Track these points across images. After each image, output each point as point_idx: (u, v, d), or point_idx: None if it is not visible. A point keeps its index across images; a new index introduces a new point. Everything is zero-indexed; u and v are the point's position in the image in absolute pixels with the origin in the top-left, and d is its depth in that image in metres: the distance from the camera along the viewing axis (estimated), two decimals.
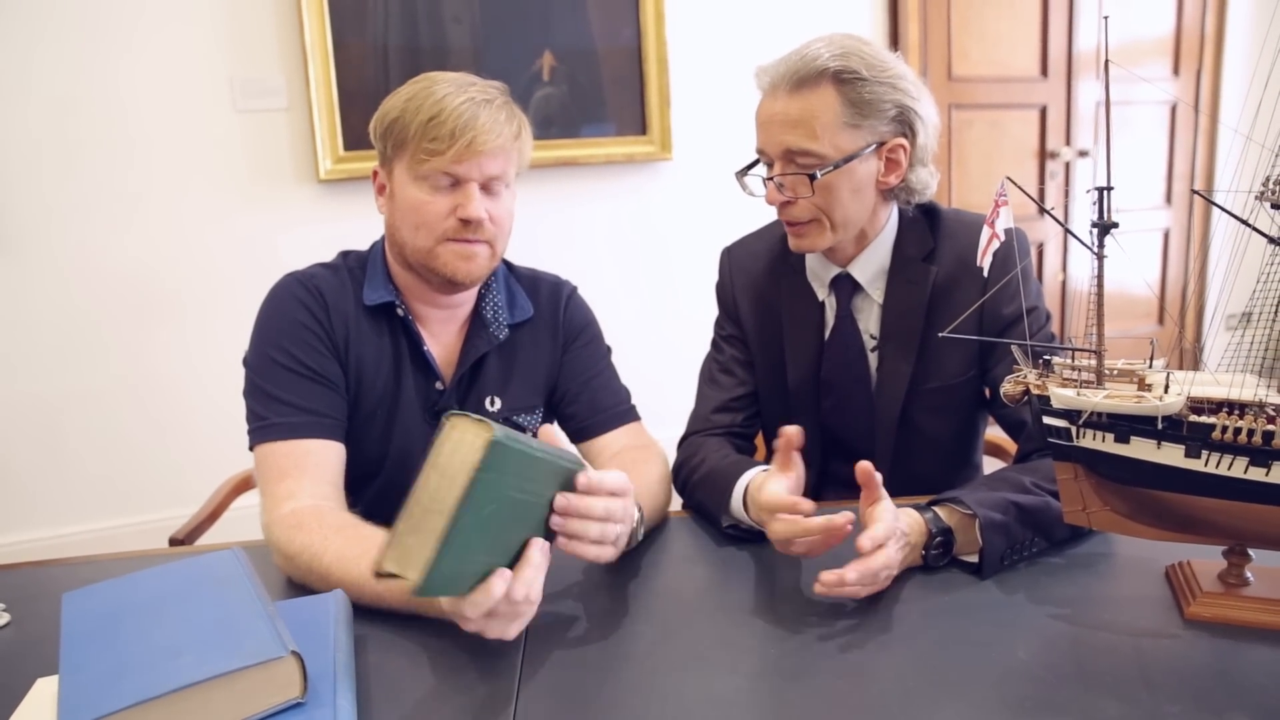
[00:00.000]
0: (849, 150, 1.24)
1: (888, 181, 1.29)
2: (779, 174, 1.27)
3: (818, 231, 1.30)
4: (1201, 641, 0.91)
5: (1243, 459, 0.86)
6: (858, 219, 1.31)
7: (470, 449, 0.81)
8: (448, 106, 1.19)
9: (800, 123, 1.23)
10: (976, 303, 1.25)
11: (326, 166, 2.81)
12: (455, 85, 1.22)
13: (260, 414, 1.23)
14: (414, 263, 1.28)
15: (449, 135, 1.18)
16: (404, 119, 1.21)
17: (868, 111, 1.24)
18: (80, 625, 0.88)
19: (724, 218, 2.07)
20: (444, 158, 1.19)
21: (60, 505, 2.81)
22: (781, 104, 1.25)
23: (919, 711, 0.81)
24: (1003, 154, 3.68)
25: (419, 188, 1.23)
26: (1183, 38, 3.86)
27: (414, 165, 1.21)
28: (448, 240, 1.24)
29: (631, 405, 1.43)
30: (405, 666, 0.93)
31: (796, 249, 1.34)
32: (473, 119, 1.19)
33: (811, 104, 1.23)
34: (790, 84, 1.24)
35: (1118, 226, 0.90)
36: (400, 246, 1.28)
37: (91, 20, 2.61)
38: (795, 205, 1.28)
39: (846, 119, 1.23)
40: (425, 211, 1.23)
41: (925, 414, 1.36)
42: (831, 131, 1.23)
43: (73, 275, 2.71)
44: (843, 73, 1.22)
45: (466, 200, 1.22)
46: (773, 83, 1.26)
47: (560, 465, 0.92)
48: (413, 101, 1.21)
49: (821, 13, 3.24)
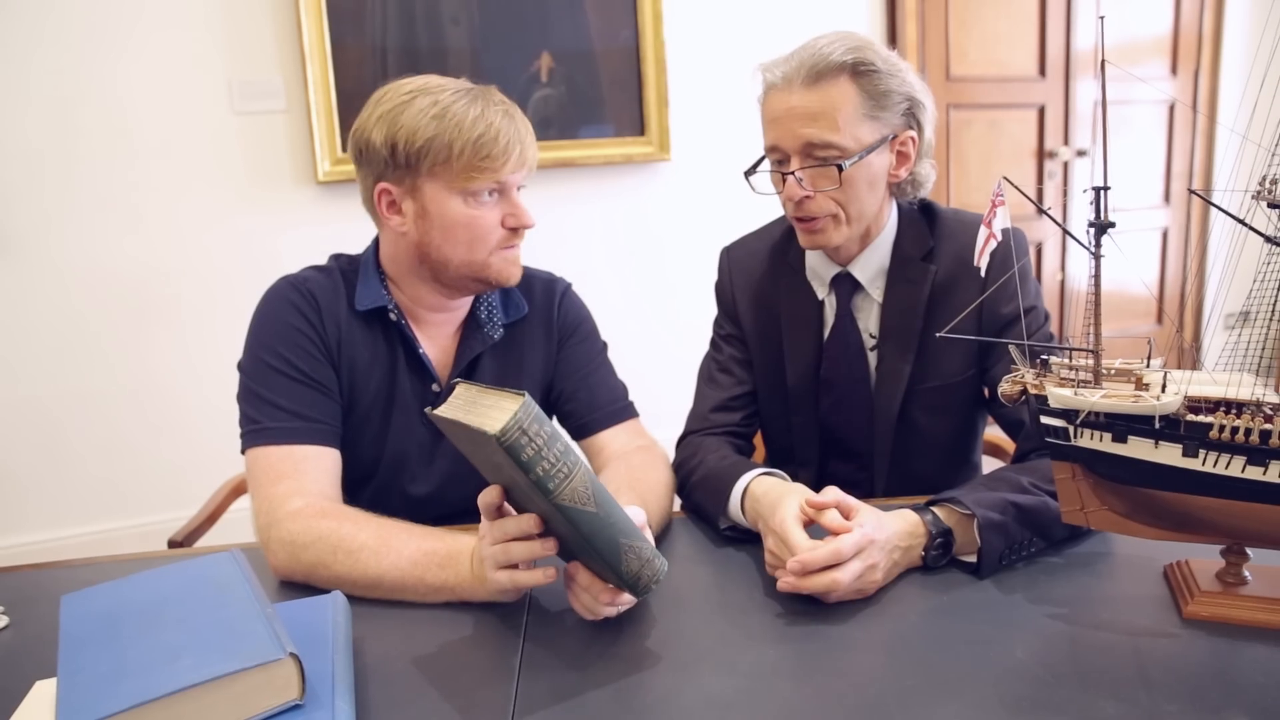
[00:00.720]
0: (868, 142, 1.25)
1: (898, 175, 1.30)
2: (800, 168, 1.25)
3: (833, 227, 1.29)
4: (1199, 640, 0.91)
5: (1240, 458, 0.86)
6: (870, 213, 1.31)
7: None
8: (494, 121, 1.19)
9: (821, 115, 1.22)
10: (975, 302, 1.25)
11: (325, 168, 2.82)
12: (478, 96, 1.21)
13: (253, 417, 1.22)
14: (460, 275, 1.27)
15: (503, 151, 1.19)
16: (442, 137, 1.18)
17: (884, 103, 1.24)
18: (79, 627, 0.88)
19: (722, 218, 2.07)
20: (499, 172, 1.21)
21: (59, 508, 2.81)
22: (799, 98, 1.23)
23: (917, 711, 0.82)
24: (1001, 154, 3.68)
25: (468, 204, 1.22)
26: (1180, 37, 3.87)
27: (461, 182, 1.20)
28: (500, 249, 1.26)
29: (629, 402, 1.43)
30: (404, 668, 0.93)
31: (810, 246, 1.34)
32: (517, 131, 1.21)
33: (831, 96, 1.22)
34: (807, 77, 1.22)
35: (1114, 226, 0.90)
36: (441, 264, 1.26)
37: (90, 23, 2.61)
38: (814, 200, 1.27)
39: (865, 111, 1.24)
40: (479, 226, 1.23)
41: (924, 413, 1.36)
42: (853, 123, 1.23)
43: (72, 278, 2.72)
44: (860, 65, 1.22)
45: (516, 209, 1.25)
46: (785, 77, 1.24)
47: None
48: (449, 119, 1.18)
49: (819, 12, 3.24)
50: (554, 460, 0.85)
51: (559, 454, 0.85)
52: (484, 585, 1.00)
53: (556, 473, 0.85)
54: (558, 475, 0.85)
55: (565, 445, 0.86)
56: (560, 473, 0.85)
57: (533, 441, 0.83)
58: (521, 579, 0.96)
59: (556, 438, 0.86)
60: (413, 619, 1.03)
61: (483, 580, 1.00)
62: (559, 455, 0.85)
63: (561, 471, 0.85)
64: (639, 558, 0.92)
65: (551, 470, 0.85)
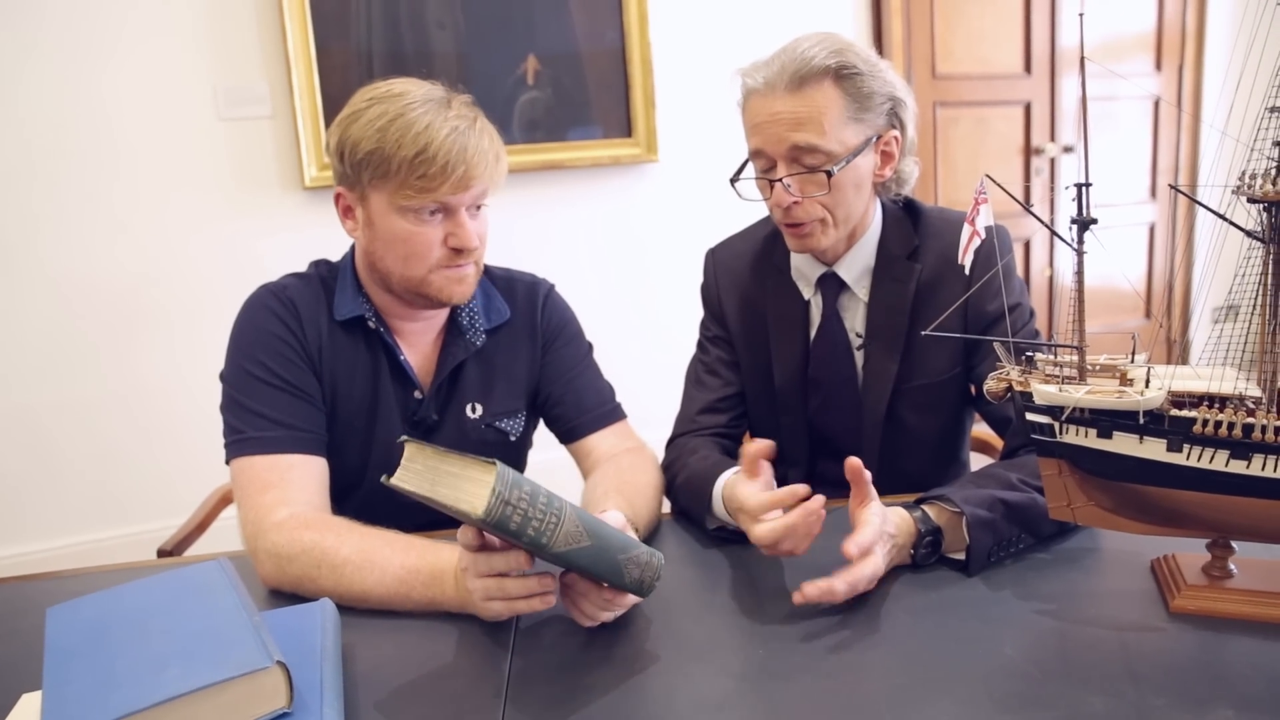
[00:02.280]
0: (854, 145, 1.25)
1: (883, 174, 1.31)
2: (788, 174, 1.25)
3: (821, 231, 1.29)
4: (1186, 634, 0.91)
5: (1224, 452, 0.87)
6: (857, 214, 1.32)
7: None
8: (434, 140, 1.13)
9: (808, 120, 1.22)
10: (960, 300, 1.26)
11: (311, 173, 2.81)
12: (433, 110, 1.16)
13: (237, 427, 1.22)
14: (401, 289, 1.25)
15: (440, 172, 1.14)
16: (383, 151, 1.14)
17: (867, 105, 1.24)
18: (65, 639, 0.88)
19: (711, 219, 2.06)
20: (437, 193, 1.16)
21: (49, 517, 2.80)
22: (783, 103, 1.22)
23: (907, 709, 0.82)
24: (988, 151, 3.69)
25: (406, 219, 1.18)
26: (1164, 33, 3.88)
27: (399, 199, 1.16)
28: (441, 268, 1.22)
29: (617, 404, 1.42)
30: (392, 675, 0.93)
31: (799, 250, 1.34)
32: (462, 151, 1.14)
33: (816, 100, 1.22)
34: (790, 82, 1.22)
35: (1096, 222, 0.91)
36: (385, 274, 1.25)
37: (75, 31, 2.60)
38: (801, 206, 1.26)
39: (849, 113, 1.23)
40: (415, 243, 1.19)
41: (911, 411, 1.37)
42: (838, 127, 1.23)
43: (59, 285, 2.70)
44: (842, 68, 1.22)
45: (459, 229, 1.20)
46: (768, 82, 1.23)
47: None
48: (391, 132, 1.14)
49: (805, 12, 3.24)
50: (541, 516, 0.84)
51: (543, 508, 0.84)
52: (471, 604, 0.99)
53: (546, 527, 0.84)
54: (548, 529, 0.84)
55: (546, 495, 0.85)
56: (550, 525, 0.84)
57: (517, 509, 0.82)
58: (519, 608, 0.96)
59: (537, 493, 0.84)
60: (402, 627, 1.03)
61: (467, 598, 0.99)
62: (544, 509, 0.84)
63: (550, 523, 0.84)
64: (638, 564, 0.93)
65: (542, 527, 0.84)
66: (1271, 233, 0.87)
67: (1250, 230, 0.88)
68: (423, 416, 1.32)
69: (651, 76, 3.08)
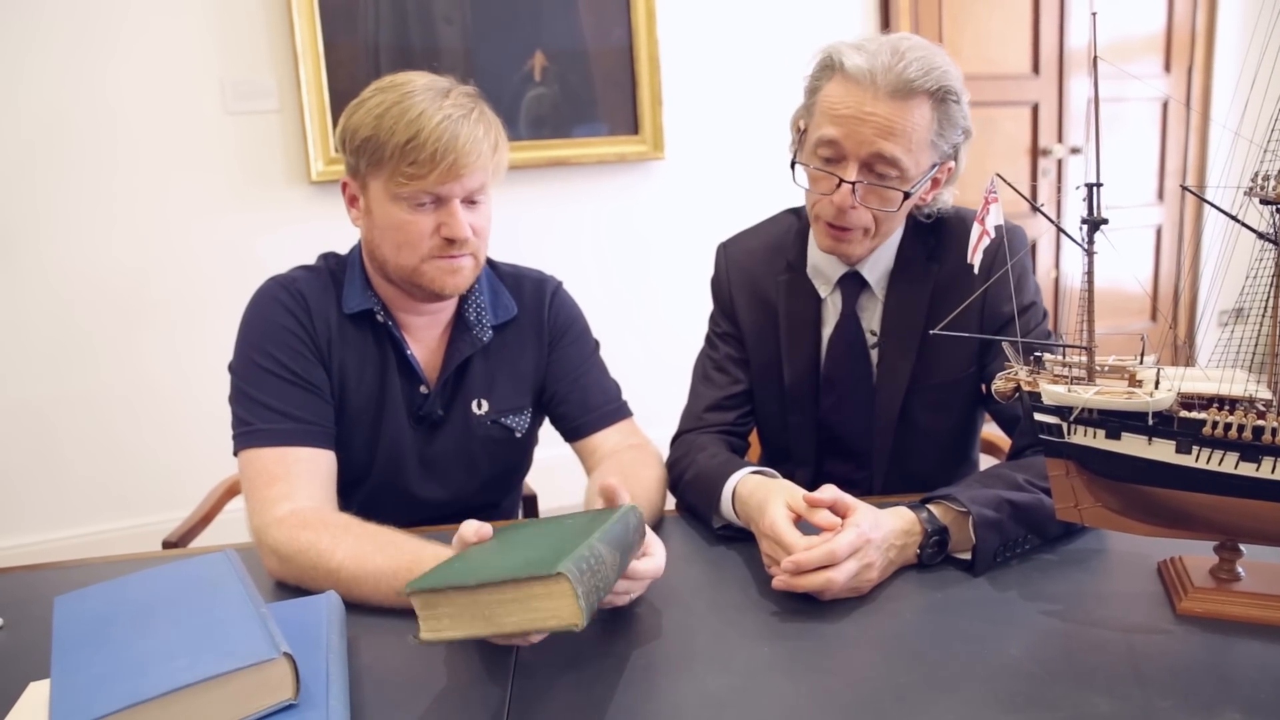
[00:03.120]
0: (925, 168, 1.23)
1: (926, 199, 1.29)
2: (858, 180, 1.21)
3: (861, 239, 1.28)
4: (1193, 637, 0.91)
5: (1233, 454, 0.87)
6: (896, 230, 1.32)
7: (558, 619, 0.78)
8: (425, 127, 1.14)
9: (902, 133, 1.18)
10: (972, 299, 1.25)
11: (319, 167, 2.81)
12: (430, 98, 1.17)
13: (245, 419, 1.22)
14: (397, 278, 1.26)
15: (429, 159, 1.14)
16: (378, 138, 1.16)
17: (948, 131, 1.23)
18: (72, 629, 0.88)
19: (717, 216, 2.07)
20: (425, 181, 1.16)
21: (54, 509, 2.81)
22: (883, 106, 1.17)
23: (912, 708, 0.82)
24: (995, 151, 3.69)
25: (399, 207, 1.19)
26: (1174, 34, 3.87)
27: (392, 186, 1.17)
28: (433, 258, 1.22)
29: (623, 402, 1.42)
30: (398, 667, 0.93)
31: (831, 251, 1.31)
32: (453, 139, 1.15)
33: (914, 116, 1.18)
34: (896, 88, 1.17)
35: (1107, 223, 0.90)
36: (381, 262, 1.26)
37: (82, 25, 2.60)
38: (857, 212, 1.23)
39: (932, 136, 1.21)
40: (408, 231, 1.20)
41: (925, 411, 1.36)
42: (922, 147, 1.21)
43: (64, 279, 2.71)
44: (945, 92, 1.19)
45: (451, 219, 1.20)
46: (873, 78, 1.17)
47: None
48: (386, 119, 1.15)
49: (814, 11, 3.24)
50: (600, 572, 0.81)
51: (595, 566, 0.81)
52: None
53: (603, 579, 0.82)
54: (604, 579, 0.82)
55: (591, 554, 0.81)
56: (605, 575, 0.82)
57: (593, 591, 0.79)
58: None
59: (591, 560, 0.80)
60: (407, 618, 1.02)
61: None
62: (597, 566, 0.81)
63: (606, 576, 0.82)
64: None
65: (601, 582, 0.81)
66: None
67: (1262, 232, 0.87)
68: (428, 411, 1.32)
69: (659, 74, 3.08)
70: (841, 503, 1.05)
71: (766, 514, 1.06)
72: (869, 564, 1.01)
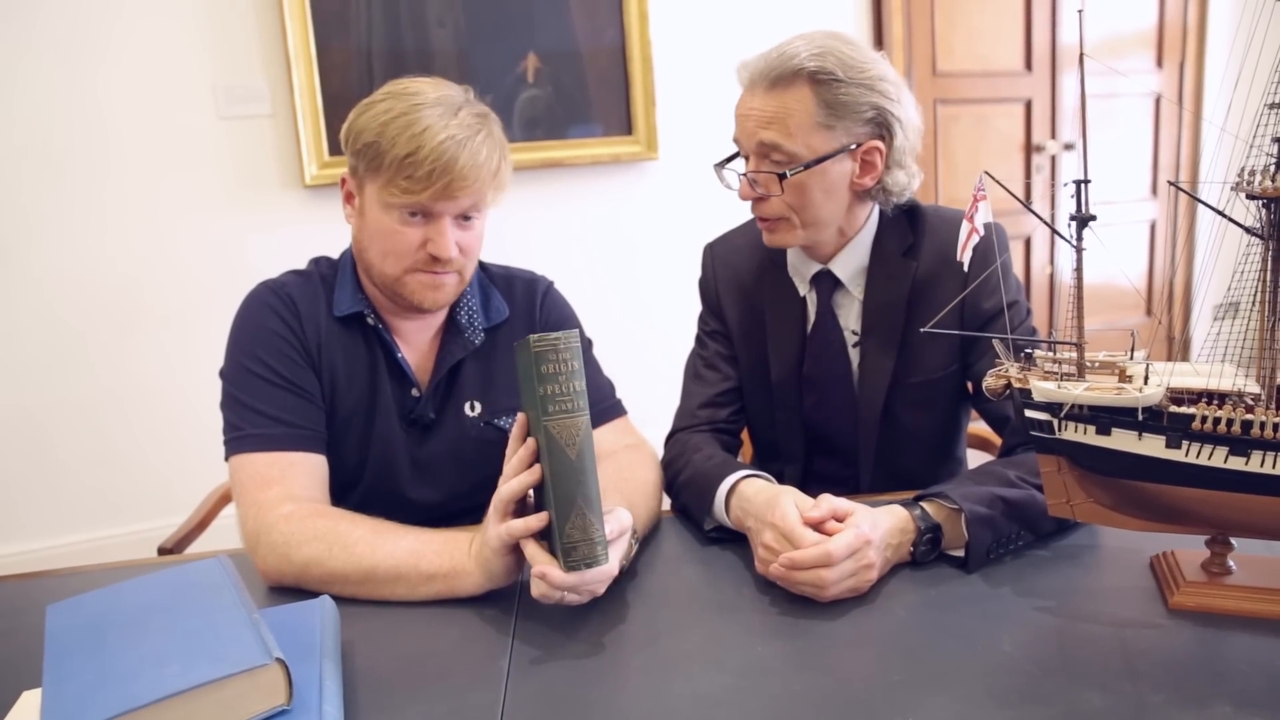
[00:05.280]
0: (822, 151, 1.25)
1: (863, 183, 1.29)
2: (752, 170, 1.28)
3: (787, 228, 1.31)
4: (1185, 631, 0.91)
5: (1222, 448, 0.87)
6: (830, 219, 1.31)
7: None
8: (426, 144, 1.14)
9: (775, 120, 1.24)
10: (957, 298, 1.26)
11: (312, 172, 2.81)
12: (438, 115, 1.16)
13: (236, 424, 1.22)
14: (380, 284, 1.27)
15: (425, 176, 1.15)
16: (380, 145, 1.16)
17: (842, 113, 1.23)
18: (65, 636, 0.88)
19: (711, 216, 2.06)
20: (419, 196, 1.16)
21: (48, 517, 2.80)
22: (759, 100, 1.25)
23: (905, 705, 0.82)
24: (989, 148, 3.69)
25: (389, 215, 1.20)
26: (1165, 30, 3.88)
27: (386, 194, 1.18)
28: (416, 271, 1.23)
29: (617, 400, 1.42)
30: (392, 672, 0.93)
31: (769, 243, 1.35)
32: (451, 161, 1.15)
33: (786, 102, 1.23)
34: (767, 80, 1.24)
35: (1095, 219, 0.91)
36: (367, 265, 1.27)
37: (74, 30, 2.60)
38: (767, 202, 1.29)
39: (820, 119, 1.23)
40: (394, 241, 1.21)
41: (908, 409, 1.37)
42: (805, 131, 1.24)
43: (57, 285, 2.70)
44: (819, 73, 1.22)
45: (439, 236, 1.20)
46: (751, 78, 1.26)
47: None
48: (390, 128, 1.16)
49: (806, 10, 3.24)
50: (564, 394, 0.94)
51: (573, 392, 0.94)
52: (482, 566, 1.03)
53: (561, 402, 0.94)
54: (561, 406, 0.94)
55: (583, 393, 0.95)
56: (562, 407, 0.94)
57: (557, 364, 0.93)
58: (516, 526, 0.99)
59: (579, 378, 0.95)
60: (401, 622, 1.03)
61: (482, 562, 1.02)
62: (571, 393, 0.94)
63: (564, 407, 0.94)
64: (584, 532, 0.95)
65: (557, 397, 0.94)
66: (1270, 229, 0.87)
67: (1249, 227, 0.88)
68: (420, 414, 1.32)
69: (652, 74, 3.08)
70: (839, 511, 1.05)
71: (778, 506, 1.06)
72: (869, 564, 1.01)
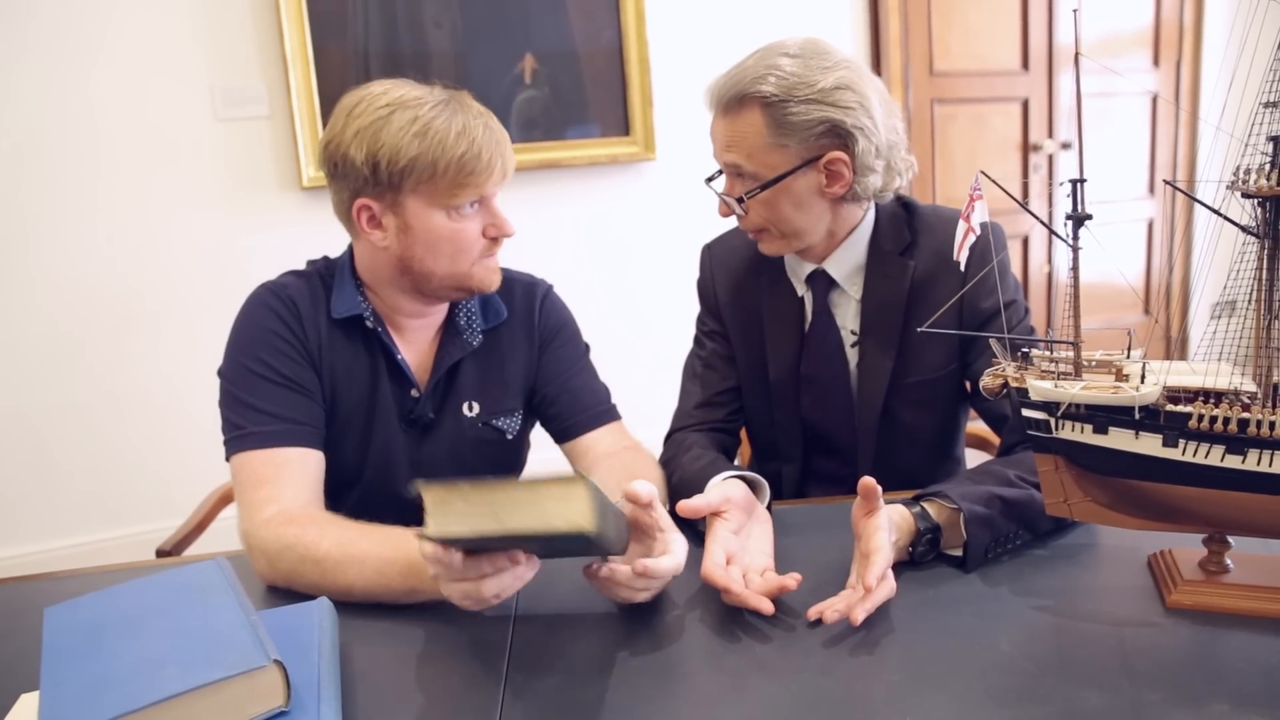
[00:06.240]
0: (781, 169, 1.26)
1: (834, 191, 1.28)
2: (725, 190, 1.33)
3: (770, 239, 1.34)
4: (1183, 629, 0.91)
5: (1219, 447, 0.87)
6: (809, 227, 1.31)
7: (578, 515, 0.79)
8: (476, 137, 1.19)
9: (734, 143, 1.27)
10: (955, 297, 1.26)
11: (309, 174, 2.81)
12: (454, 110, 1.20)
13: (236, 423, 1.22)
14: (442, 286, 1.27)
15: (486, 166, 1.20)
16: (426, 156, 1.17)
17: (792, 131, 1.23)
18: (62, 639, 0.88)
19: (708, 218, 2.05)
20: (481, 187, 1.21)
21: (46, 520, 2.80)
22: (719, 124, 1.29)
23: (904, 704, 0.82)
24: (986, 147, 3.69)
25: (451, 217, 1.22)
26: (1162, 29, 3.88)
27: (445, 198, 1.20)
28: (482, 258, 1.27)
29: (612, 404, 1.42)
30: (390, 674, 0.93)
31: (762, 251, 1.37)
32: (499, 144, 1.22)
33: (740, 126, 1.26)
34: (722, 105, 1.27)
35: (1091, 218, 0.91)
36: (424, 276, 1.25)
37: (70, 32, 2.60)
38: (745, 217, 1.32)
39: (771, 140, 1.25)
40: (462, 239, 1.24)
41: (907, 408, 1.37)
42: (761, 152, 1.26)
43: (54, 288, 2.70)
44: (766, 96, 1.23)
45: (497, 219, 1.26)
46: (711, 102, 1.30)
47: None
48: (430, 136, 1.17)
49: (802, 10, 3.25)
50: (611, 527, 0.85)
51: (612, 533, 0.85)
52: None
53: (611, 520, 0.85)
54: (611, 520, 0.85)
55: (614, 518, 0.87)
56: (613, 514, 0.86)
57: (607, 509, 0.83)
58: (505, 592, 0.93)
59: (612, 514, 0.85)
60: (400, 625, 1.03)
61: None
62: (613, 529, 0.85)
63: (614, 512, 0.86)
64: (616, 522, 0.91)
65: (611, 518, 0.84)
66: (1266, 227, 0.87)
67: (1245, 225, 0.88)
68: (419, 415, 1.32)
69: (649, 75, 3.08)
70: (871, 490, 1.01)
71: (708, 553, 1.05)
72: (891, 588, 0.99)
